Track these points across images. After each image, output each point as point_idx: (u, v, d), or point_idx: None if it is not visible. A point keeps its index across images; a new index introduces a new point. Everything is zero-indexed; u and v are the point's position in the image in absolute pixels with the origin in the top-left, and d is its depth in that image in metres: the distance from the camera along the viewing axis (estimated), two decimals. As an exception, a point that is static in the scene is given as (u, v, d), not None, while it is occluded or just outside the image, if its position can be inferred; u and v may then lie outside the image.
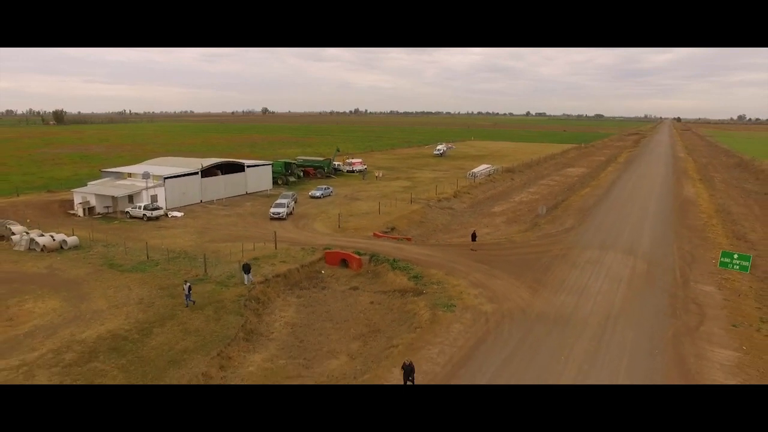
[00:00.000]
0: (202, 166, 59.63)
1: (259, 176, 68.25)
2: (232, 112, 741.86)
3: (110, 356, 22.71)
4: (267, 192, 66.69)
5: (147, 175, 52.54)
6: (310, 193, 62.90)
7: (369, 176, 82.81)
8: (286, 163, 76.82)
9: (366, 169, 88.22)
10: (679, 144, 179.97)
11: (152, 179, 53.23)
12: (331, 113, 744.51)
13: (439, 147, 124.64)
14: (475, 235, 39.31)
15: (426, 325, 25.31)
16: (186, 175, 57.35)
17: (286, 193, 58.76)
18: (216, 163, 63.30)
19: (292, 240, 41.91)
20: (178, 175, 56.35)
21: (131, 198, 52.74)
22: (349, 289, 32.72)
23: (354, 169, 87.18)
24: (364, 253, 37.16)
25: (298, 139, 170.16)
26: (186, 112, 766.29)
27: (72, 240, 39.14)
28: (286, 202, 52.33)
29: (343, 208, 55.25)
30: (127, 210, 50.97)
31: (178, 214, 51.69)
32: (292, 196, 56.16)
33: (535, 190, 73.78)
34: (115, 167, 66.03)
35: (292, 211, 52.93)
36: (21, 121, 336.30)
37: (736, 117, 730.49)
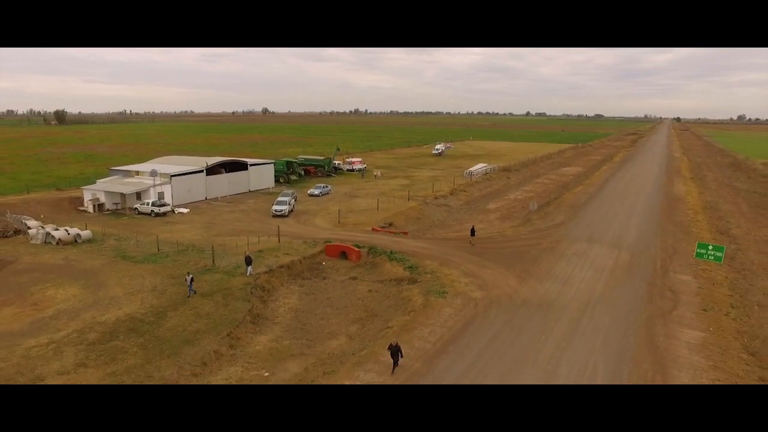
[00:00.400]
0: (207, 165, 61.74)
1: (262, 174, 70.34)
2: (233, 112, 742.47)
3: (129, 336, 24.80)
4: (269, 190, 68.76)
5: (155, 173, 54.64)
6: (309, 192, 64.74)
7: (368, 175, 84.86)
8: (288, 162, 78.84)
9: (365, 168, 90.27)
10: (676, 144, 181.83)
11: (159, 177, 55.30)
12: (331, 113, 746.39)
13: (438, 146, 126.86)
14: (474, 230, 41.23)
15: (419, 309, 27.42)
16: (191, 173, 59.47)
17: (287, 191, 60.55)
18: (220, 161, 65.42)
19: (294, 234, 43.98)
20: (184, 173, 58.47)
21: (139, 195, 54.84)
22: (348, 279, 34.80)
23: (354, 168, 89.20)
24: (363, 246, 39.23)
25: (299, 139, 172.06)
26: (186, 112, 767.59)
27: (86, 234, 41.24)
28: (288, 200, 54.24)
29: (343, 205, 57.30)
30: (136, 206, 53.05)
31: (184, 210, 53.80)
32: (293, 195, 57.93)
33: (530, 189, 75.79)
34: (123, 166, 68.10)
35: (293, 208, 54.89)
36: (23, 121, 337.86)
37: (735, 117, 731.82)
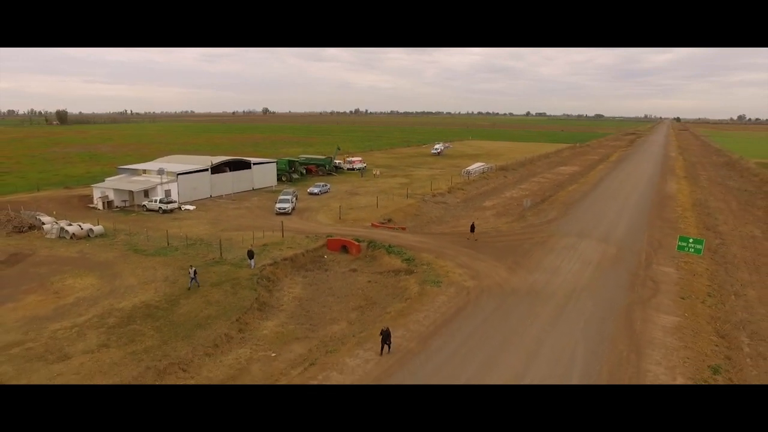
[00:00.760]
0: (212, 164, 63.68)
1: (265, 173, 72.25)
2: (233, 112, 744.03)
3: (146, 320, 26.72)
4: (272, 188, 70.68)
5: (162, 171, 56.56)
6: (309, 190, 66.50)
7: (367, 174, 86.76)
8: (290, 161, 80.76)
9: (365, 167, 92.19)
10: (673, 144, 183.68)
11: (166, 175, 57.22)
12: (332, 113, 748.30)
13: (437, 146, 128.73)
14: (473, 227, 43.05)
15: (415, 296, 29.36)
16: (197, 172, 61.40)
17: (288, 190, 62.29)
18: (225, 160, 67.33)
19: (297, 230, 45.90)
20: (189, 171, 60.40)
21: (147, 192, 56.76)
22: (349, 271, 36.71)
23: (354, 167, 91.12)
24: (363, 241, 41.14)
25: (299, 139, 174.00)
26: (186, 112, 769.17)
27: (98, 229, 43.18)
28: (290, 198, 56.07)
29: (344, 202, 59.20)
30: (144, 203, 54.97)
31: (190, 207, 55.73)
32: (293, 193, 59.66)
33: (526, 187, 77.62)
34: (130, 165, 70.04)
35: (295, 206, 56.74)
36: (24, 122, 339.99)
37: (735, 117, 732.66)
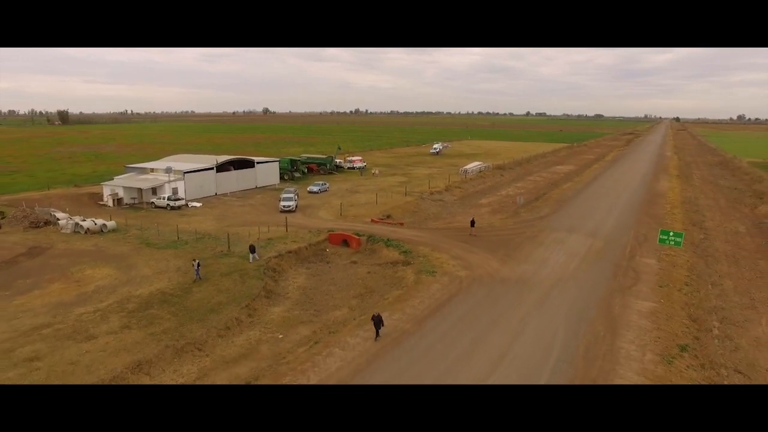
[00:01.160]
0: (217, 162, 65.88)
1: (268, 172, 74.47)
2: (233, 112, 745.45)
3: (162, 306, 28.90)
4: (275, 186, 72.88)
5: (169, 170, 58.76)
6: (308, 189, 68.55)
7: (367, 173, 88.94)
8: (292, 160, 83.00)
9: (365, 166, 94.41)
10: (670, 143, 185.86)
11: (173, 173, 59.41)
12: (332, 113, 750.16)
13: (436, 146, 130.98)
14: (474, 222, 45.26)
15: (411, 285, 31.57)
16: (203, 170, 63.61)
17: (289, 188, 64.41)
18: (229, 159, 69.56)
19: (300, 225, 48.07)
20: (196, 169, 62.61)
21: (155, 190, 58.95)
22: (349, 263, 38.91)
23: (354, 166, 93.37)
24: (363, 235, 43.33)
25: (300, 139, 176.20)
26: (187, 112, 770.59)
27: (111, 224, 45.36)
28: (293, 196, 58.20)
29: (345, 200, 61.38)
30: (152, 200, 57.18)
31: (197, 204, 57.93)
32: (294, 191, 61.82)
33: (522, 185, 79.78)
34: (137, 164, 72.23)
35: (297, 203, 58.80)
36: (26, 122, 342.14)
37: (735, 117, 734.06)
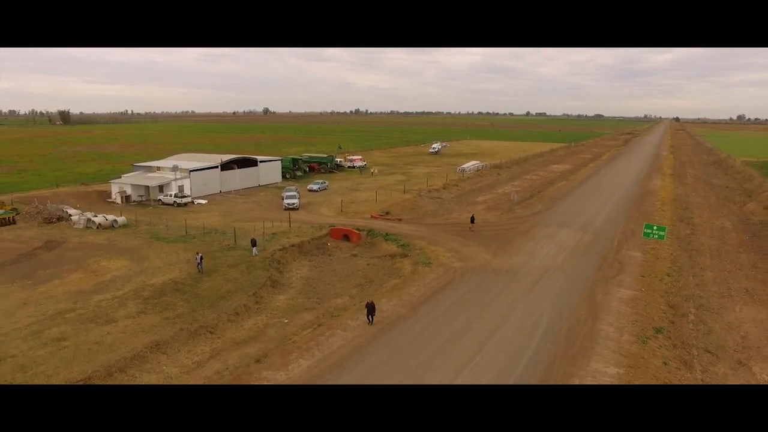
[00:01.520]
0: (222, 161, 67.89)
1: (270, 170, 76.50)
2: (233, 113, 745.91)
3: (175, 294, 30.90)
4: (277, 184, 74.90)
5: (176, 168, 60.76)
6: (308, 187, 70.53)
7: (366, 172, 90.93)
8: (294, 159, 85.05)
9: (365, 165, 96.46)
10: (667, 143, 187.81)
11: (179, 172, 61.40)
12: (332, 113, 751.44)
13: (435, 145, 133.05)
14: (473, 218, 47.19)
15: (408, 275, 33.58)
16: (208, 169, 65.63)
17: (291, 186, 66.34)
18: (233, 158, 71.58)
19: (302, 221, 50.08)
20: (201, 168, 64.63)
21: (161, 188, 60.93)
22: (350, 256, 40.91)
23: (354, 165, 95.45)
24: (363, 230, 45.34)
25: (301, 139, 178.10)
26: (187, 112, 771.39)
27: (121, 220, 47.38)
28: (295, 194, 60.11)
29: (345, 197, 63.38)
30: (159, 198, 59.19)
31: (203, 201, 59.93)
32: (296, 190, 63.67)
33: (518, 184, 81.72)
34: (144, 162, 74.27)
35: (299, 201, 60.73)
36: (28, 122, 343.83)
37: (735, 117, 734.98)
